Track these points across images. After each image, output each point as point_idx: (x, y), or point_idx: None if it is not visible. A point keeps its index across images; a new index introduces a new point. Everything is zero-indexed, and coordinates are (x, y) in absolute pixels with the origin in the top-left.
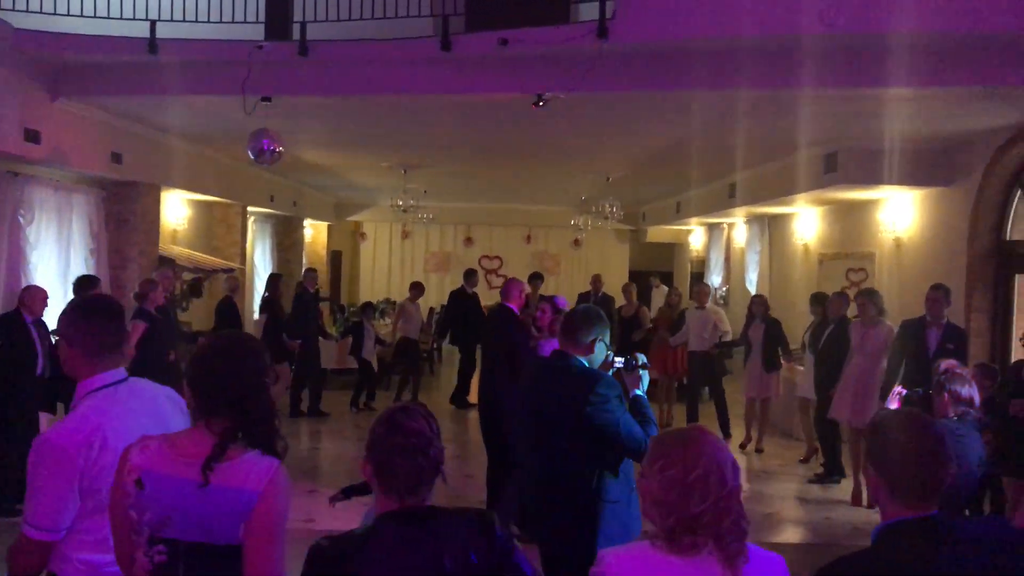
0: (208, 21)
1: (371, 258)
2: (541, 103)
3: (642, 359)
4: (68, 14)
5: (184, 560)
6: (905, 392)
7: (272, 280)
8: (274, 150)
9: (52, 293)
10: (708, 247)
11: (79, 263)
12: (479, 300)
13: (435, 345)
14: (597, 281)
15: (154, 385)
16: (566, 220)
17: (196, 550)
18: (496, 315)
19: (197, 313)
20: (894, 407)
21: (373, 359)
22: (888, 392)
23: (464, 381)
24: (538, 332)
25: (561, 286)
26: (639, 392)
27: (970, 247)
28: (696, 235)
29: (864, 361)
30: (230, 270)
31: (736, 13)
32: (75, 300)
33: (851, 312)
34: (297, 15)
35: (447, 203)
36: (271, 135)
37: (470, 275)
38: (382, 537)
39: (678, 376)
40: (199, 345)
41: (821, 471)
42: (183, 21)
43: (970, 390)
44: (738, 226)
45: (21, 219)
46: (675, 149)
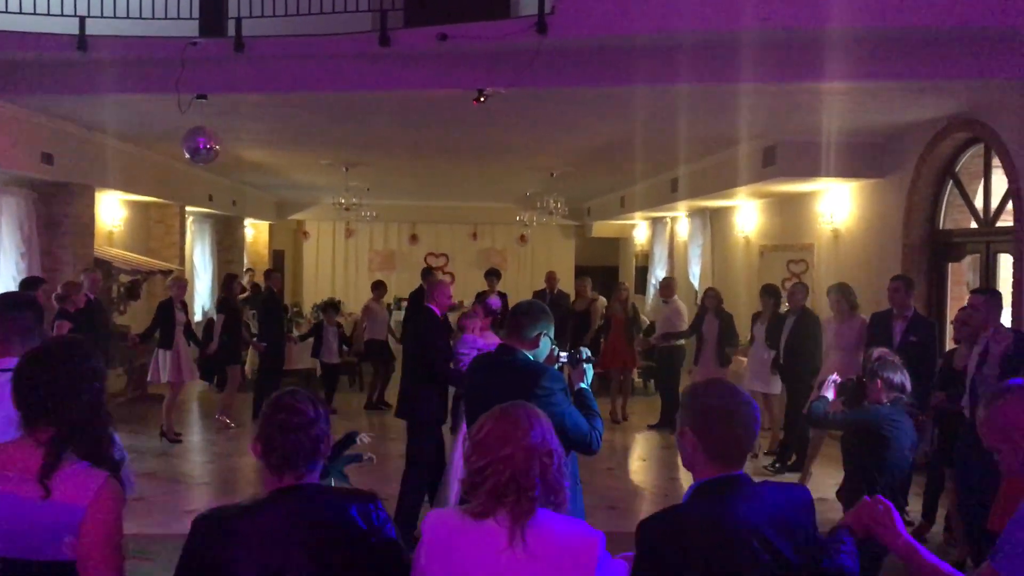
0: (140, 17)
1: (314, 257)
2: (482, 99)
3: (586, 353)
4: None
5: None
6: (840, 380)
7: (228, 280)
8: (210, 148)
9: None
10: (652, 241)
11: (10, 266)
12: None
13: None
14: (552, 278)
15: None
16: (512, 216)
17: (17, 567)
18: (417, 317)
19: (137, 315)
20: (830, 396)
21: (335, 360)
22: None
23: None
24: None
25: (508, 282)
26: (584, 385)
27: (905, 237)
28: (640, 229)
29: (842, 356)
30: (168, 271)
31: (674, 9)
32: None
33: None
34: (232, 11)
35: (391, 200)
36: (207, 133)
37: (428, 274)
38: (263, 510)
39: (629, 369)
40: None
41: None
42: (114, 17)
43: (902, 377)
44: (681, 220)
45: None
46: (618, 144)
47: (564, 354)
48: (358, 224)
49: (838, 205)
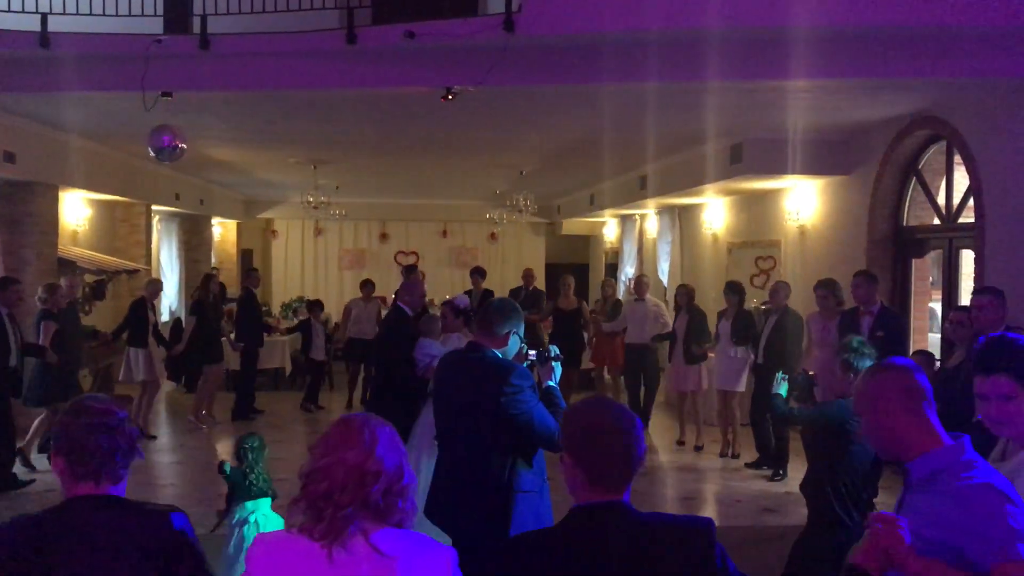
0: (104, 14)
1: (283, 256)
2: (450, 96)
3: (554, 351)
4: None
5: None
6: (787, 377)
7: (205, 280)
8: (176, 146)
9: None
10: (622, 238)
11: None
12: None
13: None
14: (529, 276)
15: None
16: (482, 214)
17: None
18: (388, 316)
19: (103, 316)
20: (783, 392)
21: (322, 357)
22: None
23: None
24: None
25: (464, 282)
26: (552, 383)
27: (869, 233)
28: (610, 227)
29: (826, 354)
30: (134, 271)
31: (641, 6)
32: None
33: (759, 299)
34: (197, 8)
35: (360, 199)
36: (173, 131)
37: (410, 271)
38: (65, 520)
39: (619, 369)
40: None
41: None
42: (76, 14)
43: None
44: (650, 217)
45: None
46: (587, 142)
47: (533, 352)
48: (327, 223)
49: (804, 202)
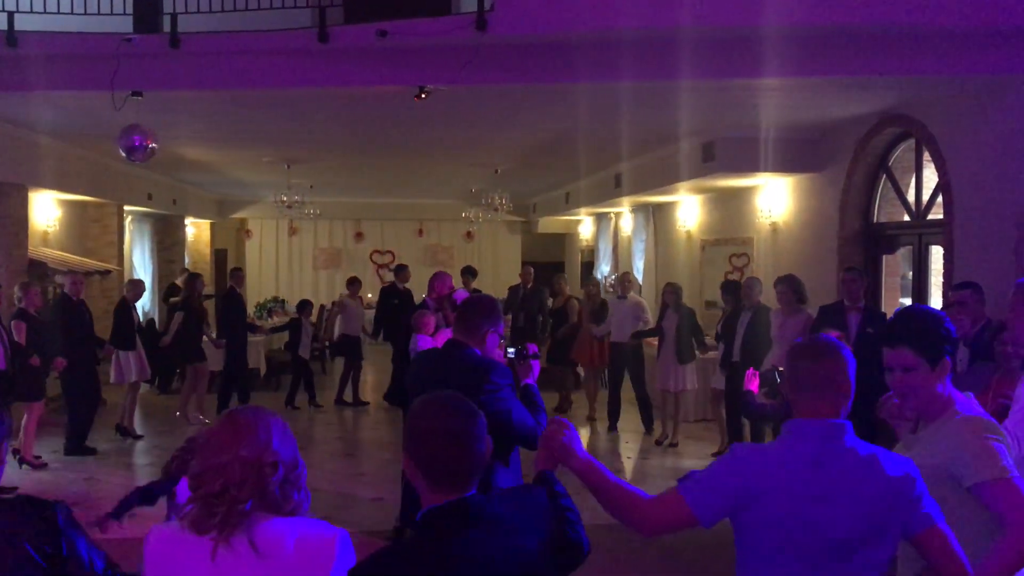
0: (72, 13)
1: (258, 256)
2: (423, 95)
3: (533, 349)
4: None
5: None
6: (758, 373)
7: (191, 279)
8: (147, 146)
9: None
10: (597, 236)
11: None
12: (412, 295)
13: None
14: (527, 274)
15: None
16: (457, 213)
17: None
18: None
19: None
20: (754, 389)
21: (308, 355)
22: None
23: (400, 377)
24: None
25: (455, 279)
26: (530, 381)
27: (840, 230)
28: (585, 225)
29: (784, 351)
30: (106, 272)
31: (613, 6)
32: None
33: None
34: (167, 7)
35: (335, 198)
36: (143, 131)
37: (401, 270)
38: None
39: (603, 367)
40: None
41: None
42: (44, 12)
43: None
44: (625, 215)
45: None
46: (561, 141)
47: (512, 350)
48: (302, 222)
49: (776, 199)
